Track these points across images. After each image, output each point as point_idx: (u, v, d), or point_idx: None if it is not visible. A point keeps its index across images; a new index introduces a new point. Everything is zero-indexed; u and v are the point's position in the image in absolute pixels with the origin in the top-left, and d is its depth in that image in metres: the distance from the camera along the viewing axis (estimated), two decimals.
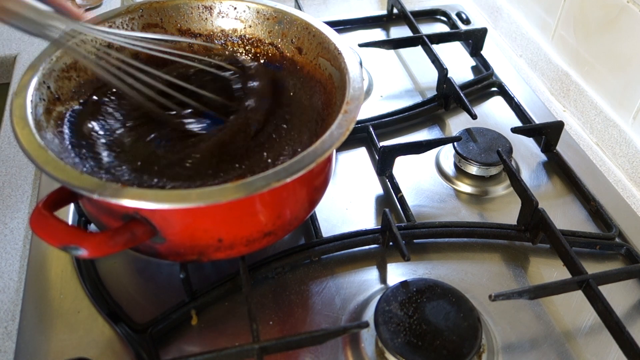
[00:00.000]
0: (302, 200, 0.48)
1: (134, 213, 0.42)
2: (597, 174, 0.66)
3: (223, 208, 0.43)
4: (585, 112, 0.73)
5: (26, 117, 0.44)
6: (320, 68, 0.55)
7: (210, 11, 0.59)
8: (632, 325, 0.50)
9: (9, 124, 0.44)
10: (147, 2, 0.57)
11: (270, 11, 0.58)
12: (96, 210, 0.45)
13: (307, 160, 0.41)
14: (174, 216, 0.42)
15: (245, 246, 0.46)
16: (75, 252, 0.39)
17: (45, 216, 0.41)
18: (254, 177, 0.40)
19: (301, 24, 0.56)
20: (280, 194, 0.45)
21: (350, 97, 0.46)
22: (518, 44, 0.87)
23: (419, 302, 0.48)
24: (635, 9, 0.64)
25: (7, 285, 0.53)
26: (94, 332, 0.48)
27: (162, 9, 0.58)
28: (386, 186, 0.63)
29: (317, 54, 0.55)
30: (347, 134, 0.43)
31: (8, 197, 0.61)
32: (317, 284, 0.53)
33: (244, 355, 0.43)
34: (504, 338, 0.49)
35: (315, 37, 0.55)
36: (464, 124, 0.71)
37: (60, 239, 0.40)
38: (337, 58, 0.52)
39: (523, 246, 0.57)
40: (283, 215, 0.46)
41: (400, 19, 0.89)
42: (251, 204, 0.44)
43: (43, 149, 0.42)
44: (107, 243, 0.40)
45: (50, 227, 0.40)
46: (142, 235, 0.42)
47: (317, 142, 0.42)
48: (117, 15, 0.56)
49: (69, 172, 0.40)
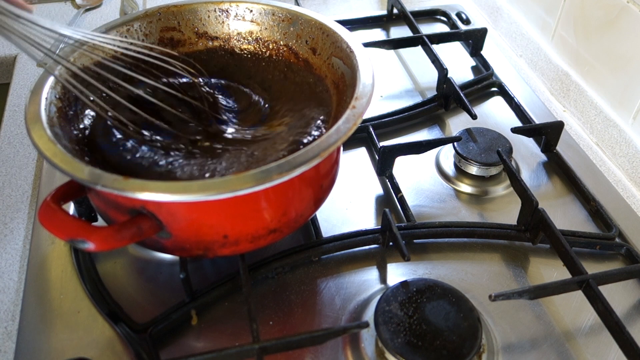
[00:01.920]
0: (308, 197, 0.48)
1: (140, 207, 0.42)
2: (597, 174, 0.66)
3: (228, 203, 0.43)
4: (585, 112, 0.73)
5: (39, 113, 0.45)
6: (333, 67, 0.55)
7: (227, 14, 0.59)
8: (632, 325, 0.50)
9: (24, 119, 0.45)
10: (165, 6, 0.58)
11: (285, 13, 0.58)
12: (104, 204, 0.45)
13: (312, 153, 0.41)
14: (179, 211, 0.43)
15: (250, 242, 0.46)
16: (82, 245, 0.40)
17: (54, 209, 0.41)
18: (256, 170, 0.40)
19: (315, 24, 0.56)
20: (285, 190, 0.45)
21: (359, 93, 0.47)
22: (518, 44, 0.87)
23: (419, 302, 0.48)
24: (635, 9, 0.64)
25: (7, 285, 0.53)
26: (94, 332, 0.48)
27: (179, 13, 0.58)
28: (386, 186, 0.63)
29: (331, 54, 0.55)
30: (354, 129, 0.43)
31: (8, 197, 0.61)
32: (317, 284, 0.53)
33: (244, 355, 0.43)
34: (504, 338, 0.49)
35: (329, 37, 0.56)
36: (464, 124, 0.71)
37: (67, 232, 0.40)
38: (350, 56, 0.52)
39: (523, 246, 0.57)
40: (288, 213, 0.47)
41: (400, 19, 0.89)
42: (256, 199, 0.44)
43: (52, 142, 0.42)
44: (114, 237, 0.40)
45: (58, 220, 0.41)
46: (148, 229, 0.42)
47: (323, 136, 0.43)
48: (136, 19, 0.56)
49: (74, 164, 0.41)
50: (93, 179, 0.39)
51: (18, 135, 0.69)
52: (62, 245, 0.55)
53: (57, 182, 0.61)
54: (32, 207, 0.60)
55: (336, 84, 0.54)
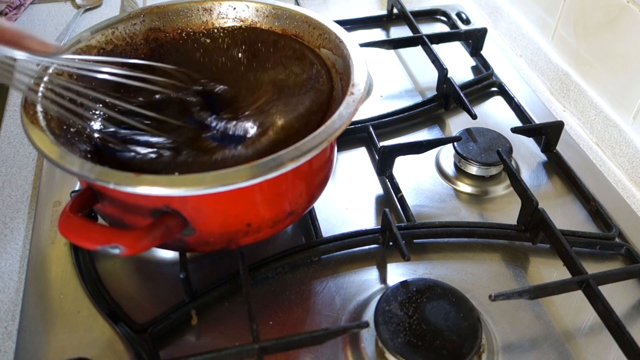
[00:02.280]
0: (319, 178, 0.50)
1: (164, 207, 0.42)
2: (597, 174, 0.66)
3: (253, 190, 0.43)
4: (585, 112, 0.73)
5: (37, 116, 0.44)
6: (323, 58, 0.55)
7: (210, 13, 0.59)
8: (632, 325, 0.50)
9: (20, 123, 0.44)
10: (148, 8, 0.58)
11: (269, 8, 0.59)
12: (121, 211, 0.44)
13: (319, 139, 0.42)
14: (206, 204, 0.43)
15: (271, 228, 0.47)
16: (114, 251, 0.38)
17: (76, 219, 0.40)
18: (265, 159, 0.40)
19: (300, 17, 0.57)
20: (301, 173, 0.46)
21: (355, 80, 0.48)
22: (518, 44, 0.87)
23: (419, 302, 0.48)
24: (635, 9, 0.64)
25: (7, 285, 0.53)
26: (94, 332, 0.48)
27: (162, 14, 0.58)
28: (386, 186, 0.63)
29: (319, 45, 0.56)
30: (355, 114, 0.45)
31: (8, 197, 0.61)
32: (317, 284, 0.53)
33: (244, 355, 0.43)
34: (504, 338, 0.49)
35: (315, 29, 0.56)
36: (464, 124, 0.71)
37: (97, 240, 0.39)
38: (339, 46, 0.53)
39: (523, 246, 0.57)
40: (303, 194, 0.48)
41: (400, 19, 0.89)
42: (277, 184, 0.45)
43: (55, 145, 0.42)
44: (146, 238, 0.40)
45: (83, 229, 0.39)
46: (174, 227, 0.42)
47: (327, 122, 0.44)
48: (120, 21, 0.56)
49: (83, 164, 0.40)
50: (105, 178, 0.39)
51: (18, 135, 0.69)
52: (62, 245, 0.55)
53: (57, 182, 0.61)
54: (32, 207, 0.60)
55: (328, 73, 0.55)
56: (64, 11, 0.92)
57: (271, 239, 0.56)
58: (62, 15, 0.91)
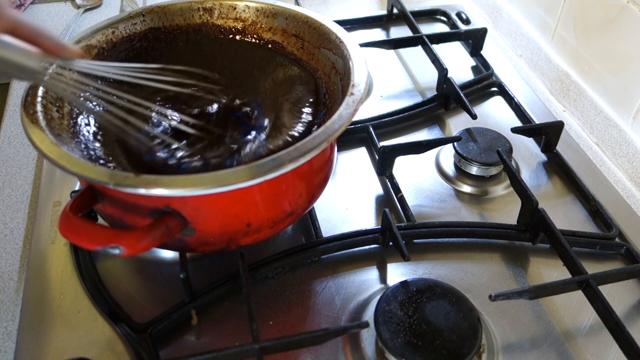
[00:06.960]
0: (319, 178, 0.50)
1: (164, 207, 0.42)
2: (597, 174, 0.65)
3: (254, 190, 0.43)
4: (585, 112, 0.73)
5: (37, 116, 0.44)
6: (324, 59, 0.55)
7: (210, 13, 0.59)
8: (632, 325, 0.50)
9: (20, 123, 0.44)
10: (149, 7, 0.58)
11: (269, 9, 0.59)
12: (121, 211, 0.44)
13: (319, 139, 0.42)
14: (206, 204, 0.43)
15: (271, 228, 0.47)
16: (114, 251, 0.38)
17: (76, 220, 0.40)
18: (265, 160, 0.40)
19: (300, 18, 0.57)
20: (301, 173, 0.46)
21: (355, 80, 0.48)
22: (518, 44, 0.87)
23: (419, 302, 0.48)
24: (635, 9, 0.64)
25: (7, 285, 0.53)
26: (94, 332, 0.48)
27: (163, 13, 0.58)
28: (386, 186, 0.63)
29: (319, 46, 0.56)
30: (355, 114, 0.45)
31: (8, 197, 0.61)
32: (317, 284, 0.53)
33: (244, 355, 0.43)
34: (504, 338, 0.49)
35: (315, 30, 0.56)
36: (464, 124, 0.71)
37: (97, 241, 0.39)
38: (339, 46, 0.53)
39: (523, 246, 0.57)
40: (303, 194, 0.48)
41: (400, 19, 0.89)
42: (277, 184, 0.45)
43: (55, 145, 0.41)
44: (145, 238, 0.40)
45: (84, 230, 0.39)
46: (175, 228, 0.42)
47: (327, 122, 0.44)
48: (120, 21, 0.56)
49: (83, 165, 0.40)
50: (105, 178, 0.39)
51: (18, 135, 0.69)
52: (62, 245, 0.55)
53: (57, 182, 0.61)
54: (32, 207, 0.60)
55: (327, 74, 0.55)
56: (64, 11, 0.92)
57: (271, 239, 0.56)
58: (62, 15, 0.91)
